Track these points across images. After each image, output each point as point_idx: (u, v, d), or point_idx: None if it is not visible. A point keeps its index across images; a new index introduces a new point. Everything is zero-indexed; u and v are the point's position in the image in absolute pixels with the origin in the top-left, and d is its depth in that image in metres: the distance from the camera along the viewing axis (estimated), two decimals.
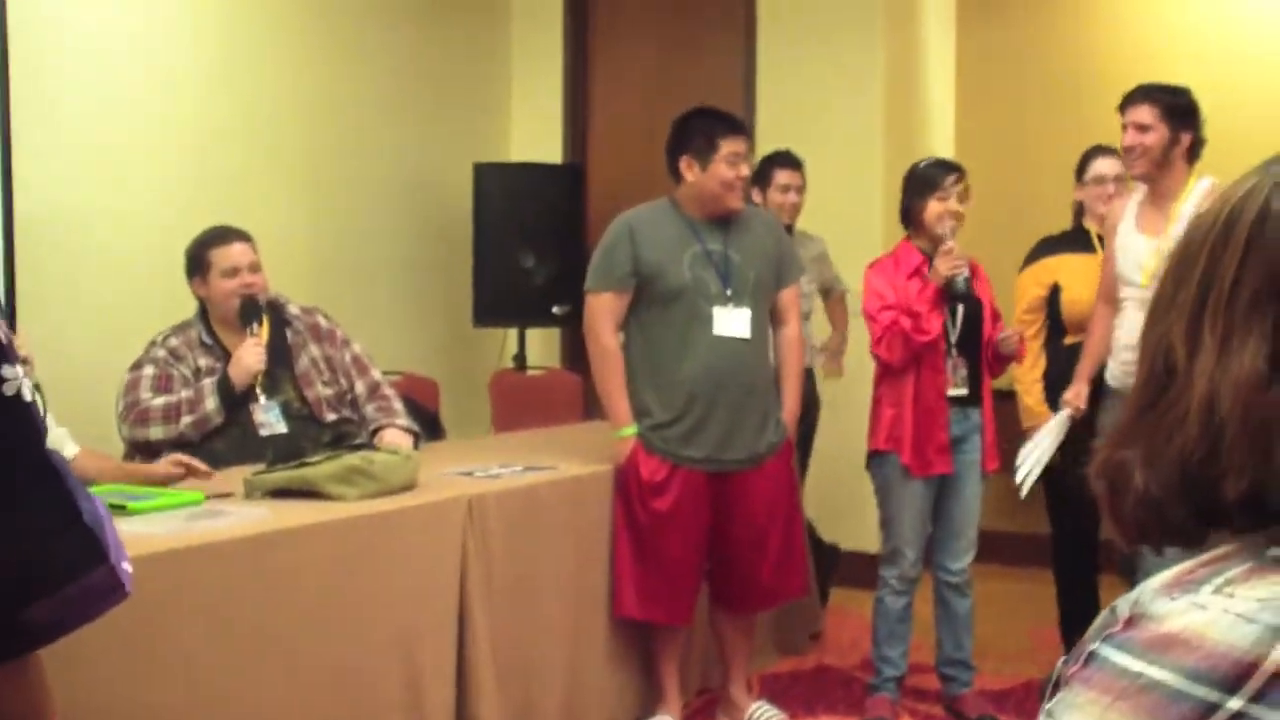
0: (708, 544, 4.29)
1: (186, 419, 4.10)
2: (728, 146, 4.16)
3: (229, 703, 2.94)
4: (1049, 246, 5.00)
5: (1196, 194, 4.10)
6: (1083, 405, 4.40)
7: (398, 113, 6.42)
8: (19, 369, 1.06)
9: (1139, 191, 4.33)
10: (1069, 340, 4.82)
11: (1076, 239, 4.96)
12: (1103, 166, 4.91)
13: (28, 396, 1.06)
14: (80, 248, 4.85)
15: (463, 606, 3.61)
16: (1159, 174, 4.17)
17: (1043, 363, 4.88)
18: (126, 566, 1.20)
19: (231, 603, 2.97)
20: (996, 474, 4.53)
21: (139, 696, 2.73)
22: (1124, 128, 4.22)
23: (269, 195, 5.71)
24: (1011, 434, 4.70)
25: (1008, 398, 4.95)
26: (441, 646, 3.55)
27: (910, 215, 4.45)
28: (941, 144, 6.63)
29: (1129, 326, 4.17)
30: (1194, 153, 4.18)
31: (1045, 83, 6.74)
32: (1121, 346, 4.24)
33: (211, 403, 4.12)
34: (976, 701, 4.50)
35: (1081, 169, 5.01)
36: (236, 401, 4.16)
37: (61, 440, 3.68)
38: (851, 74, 6.23)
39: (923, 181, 4.43)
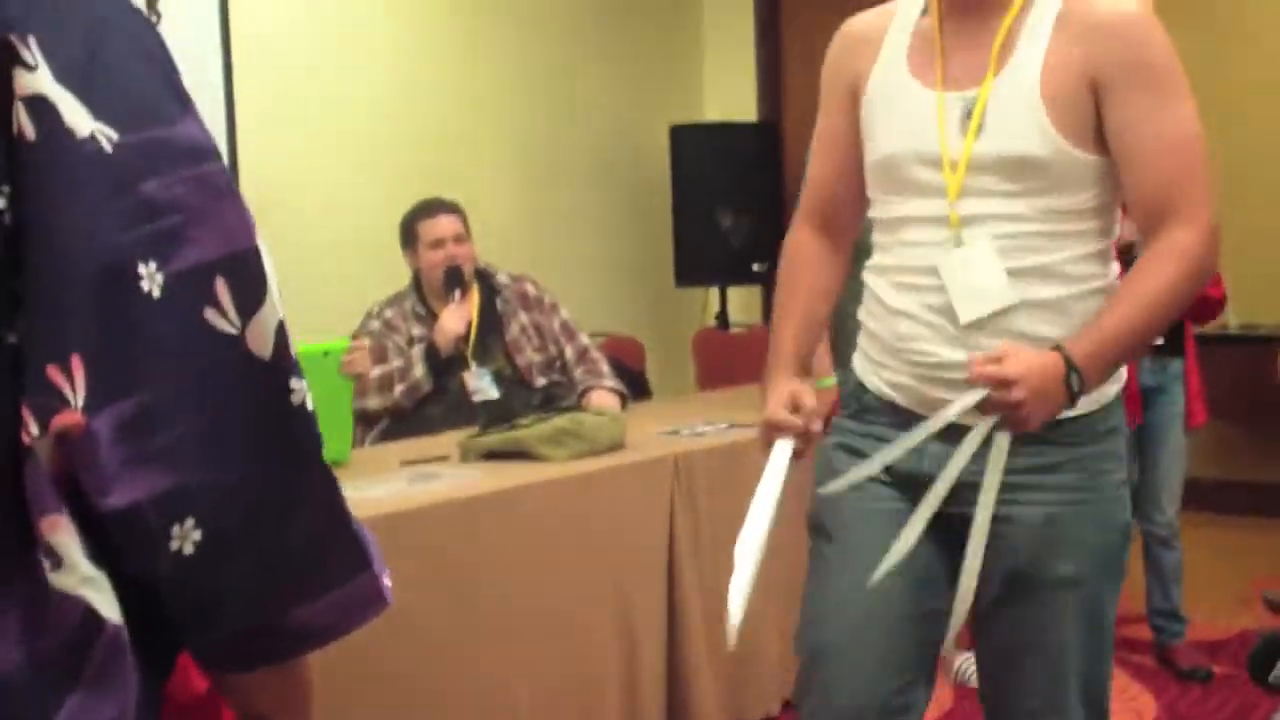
0: None
1: (399, 387, 4.26)
2: None
3: (448, 658, 3.08)
4: None
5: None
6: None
7: (596, 79, 6.53)
8: (303, 382, 1.10)
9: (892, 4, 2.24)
10: None
11: None
12: None
13: (310, 406, 1.10)
14: (304, 226, 5.07)
15: (671, 561, 3.68)
16: None
17: None
18: (386, 580, 1.19)
19: (449, 562, 3.09)
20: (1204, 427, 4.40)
21: (362, 654, 2.86)
22: None
23: (479, 165, 5.88)
24: (1257, 385, 4.52)
25: (1221, 343, 4.83)
26: (652, 600, 3.64)
27: None
28: None
29: (916, 296, 2.15)
30: None
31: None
32: (899, 335, 2.19)
33: (420, 369, 4.27)
34: (1189, 652, 4.43)
35: None
36: (443, 367, 4.30)
37: None
38: None
39: None
